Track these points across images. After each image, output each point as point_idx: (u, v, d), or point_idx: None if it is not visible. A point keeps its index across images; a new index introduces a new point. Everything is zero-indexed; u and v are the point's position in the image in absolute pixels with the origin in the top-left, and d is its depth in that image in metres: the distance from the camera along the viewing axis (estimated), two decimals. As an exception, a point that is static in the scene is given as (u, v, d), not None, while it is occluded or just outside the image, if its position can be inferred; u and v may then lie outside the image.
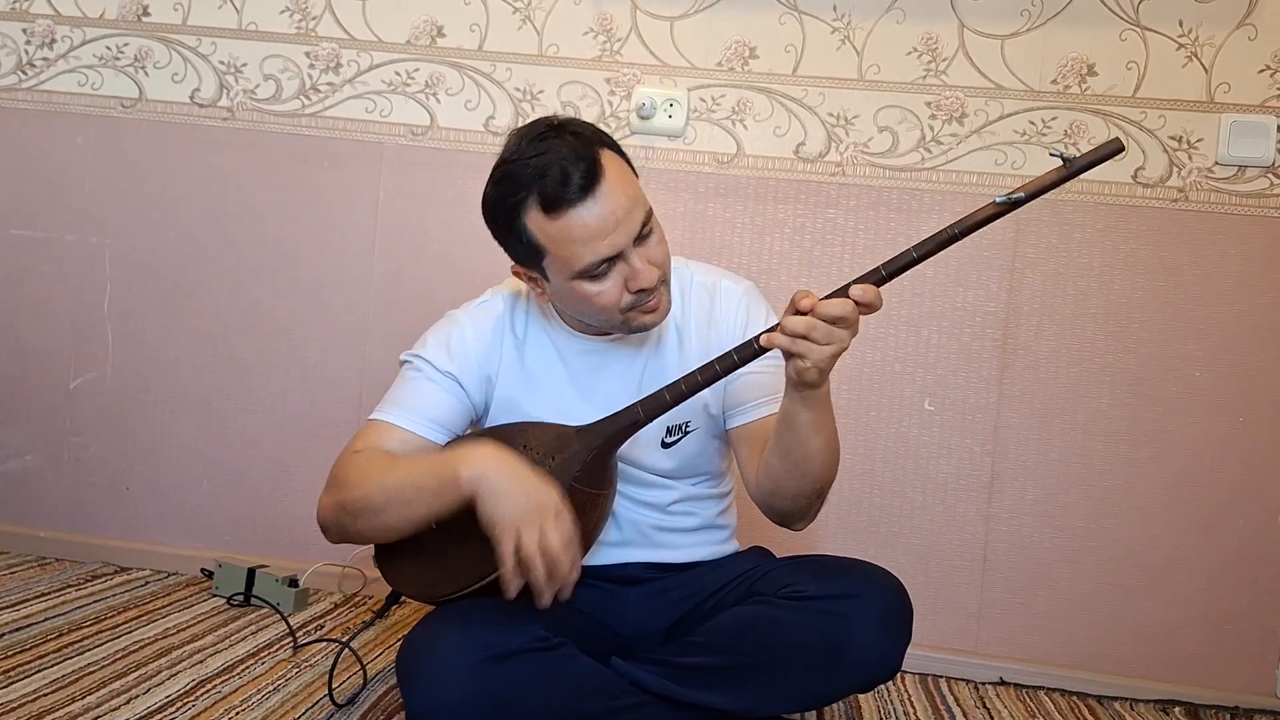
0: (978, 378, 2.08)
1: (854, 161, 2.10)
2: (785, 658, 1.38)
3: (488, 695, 1.28)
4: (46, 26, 2.30)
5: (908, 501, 2.09)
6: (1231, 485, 2.02)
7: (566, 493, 1.36)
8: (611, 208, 1.36)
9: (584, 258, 1.37)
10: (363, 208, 2.22)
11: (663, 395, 1.41)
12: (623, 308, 1.42)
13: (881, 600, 1.39)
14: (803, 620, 1.38)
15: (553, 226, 1.37)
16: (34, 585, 2.06)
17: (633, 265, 1.39)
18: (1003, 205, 1.28)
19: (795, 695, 1.42)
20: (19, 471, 2.32)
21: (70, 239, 2.29)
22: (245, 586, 2.07)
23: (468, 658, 1.28)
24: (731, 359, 1.37)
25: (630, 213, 1.37)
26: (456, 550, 1.41)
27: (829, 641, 1.36)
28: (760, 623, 1.41)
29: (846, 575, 1.43)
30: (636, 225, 1.38)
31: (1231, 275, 2.02)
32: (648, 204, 1.42)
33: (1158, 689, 2.00)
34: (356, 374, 2.22)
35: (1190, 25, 2.02)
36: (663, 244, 1.44)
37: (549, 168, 1.35)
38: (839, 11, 2.10)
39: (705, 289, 1.60)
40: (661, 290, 1.44)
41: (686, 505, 1.60)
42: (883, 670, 1.41)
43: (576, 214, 1.35)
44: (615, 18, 2.15)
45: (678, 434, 1.55)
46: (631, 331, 1.48)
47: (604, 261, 1.38)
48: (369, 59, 2.22)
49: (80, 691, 1.54)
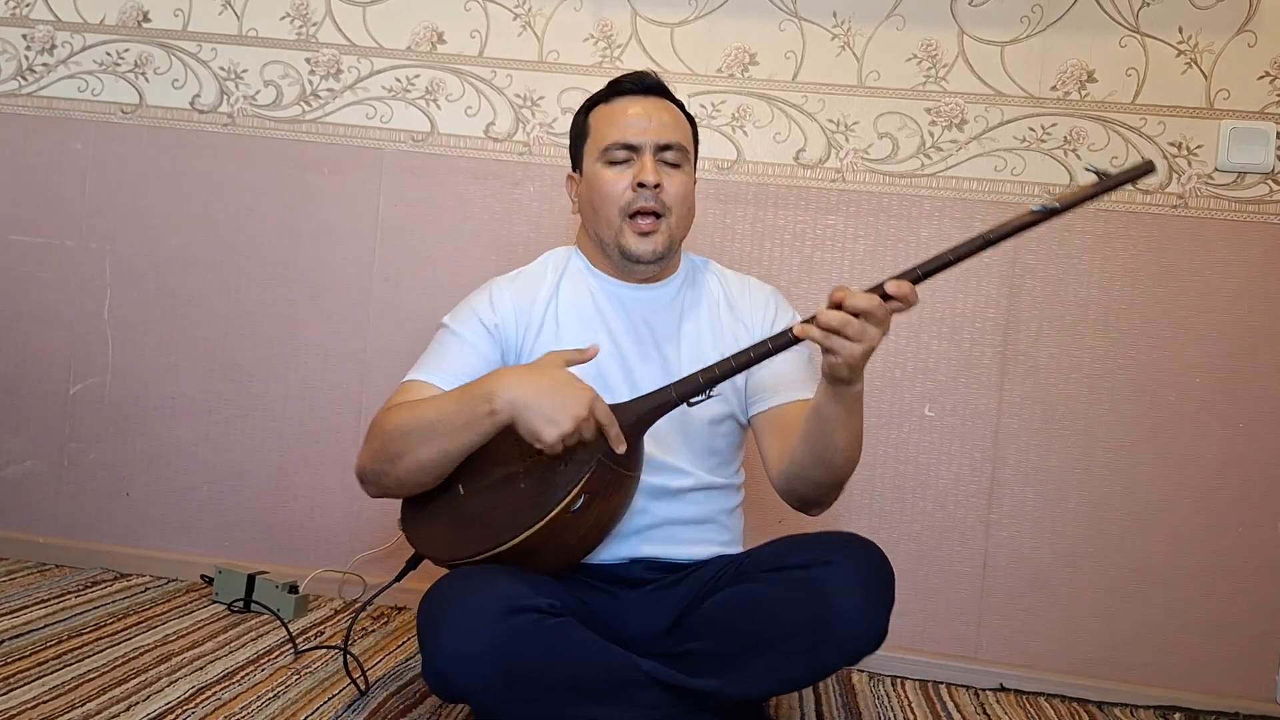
0: (978, 384, 2.08)
1: (854, 168, 2.11)
2: (769, 630, 1.41)
3: (507, 646, 1.31)
4: (47, 32, 2.30)
5: (908, 507, 2.10)
6: (1231, 491, 2.02)
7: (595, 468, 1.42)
8: (651, 111, 1.61)
9: (611, 135, 1.60)
10: (363, 214, 2.23)
11: (696, 378, 1.47)
12: (624, 206, 1.59)
13: (857, 561, 1.42)
14: (783, 590, 1.42)
15: (604, 109, 1.65)
16: (33, 591, 2.05)
17: (644, 163, 1.58)
18: (1038, 213, 1.35)
19: (786, 669, 1.42)
20: (19, 477, 2.31)
21: (70, 245, 2.29)
22: (245, 592, 2.07)
23: (489, 610, 1.33)
24: (765, 346, 1.44)
25: (665, 126, 1.60)
26: (481, 514, 1.48)
27: (809, 605, 1.39)
28: (745, 600, 1.45)
29: (824, 543, 1.47)
30: (664, 138, 1.59)
31: (1231, 281, 2.02)
32: (689, 147, 1.63)
33: (1157, 695, 2.00)
34: (356, 380, 2.22)
35: (1190, 32, 2.02)
36: (684, 188, 1.61)
37: (629, 76, 1.67)
38: (839, 18, 2.10)
39: (738, 279, 1.76)
40: (662, 227, 1.60)
41: (698, 496, 1.62)
42: (865, 632, 1.40)
43: (623, 101, 1.63)
44: (615, 24, 2.16)
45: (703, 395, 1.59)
46: (625, 255, 1.61)
47: (624, 147, 1.59)
48: (369, 65, 2.22)
49: (80, 698, 1.54)
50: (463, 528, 1.49)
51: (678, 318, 1.66)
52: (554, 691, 1.35)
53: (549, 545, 1.44)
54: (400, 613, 2.13)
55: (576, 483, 1.41)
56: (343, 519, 2.22)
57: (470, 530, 1.48)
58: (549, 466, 1.45)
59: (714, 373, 1.45)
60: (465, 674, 1.32)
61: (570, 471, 1.43)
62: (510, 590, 1.35)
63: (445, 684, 1.34)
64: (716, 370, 1.45)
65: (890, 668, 2.05)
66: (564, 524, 1.43)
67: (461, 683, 1.32)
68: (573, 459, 1.44)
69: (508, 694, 1.33)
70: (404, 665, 1.83)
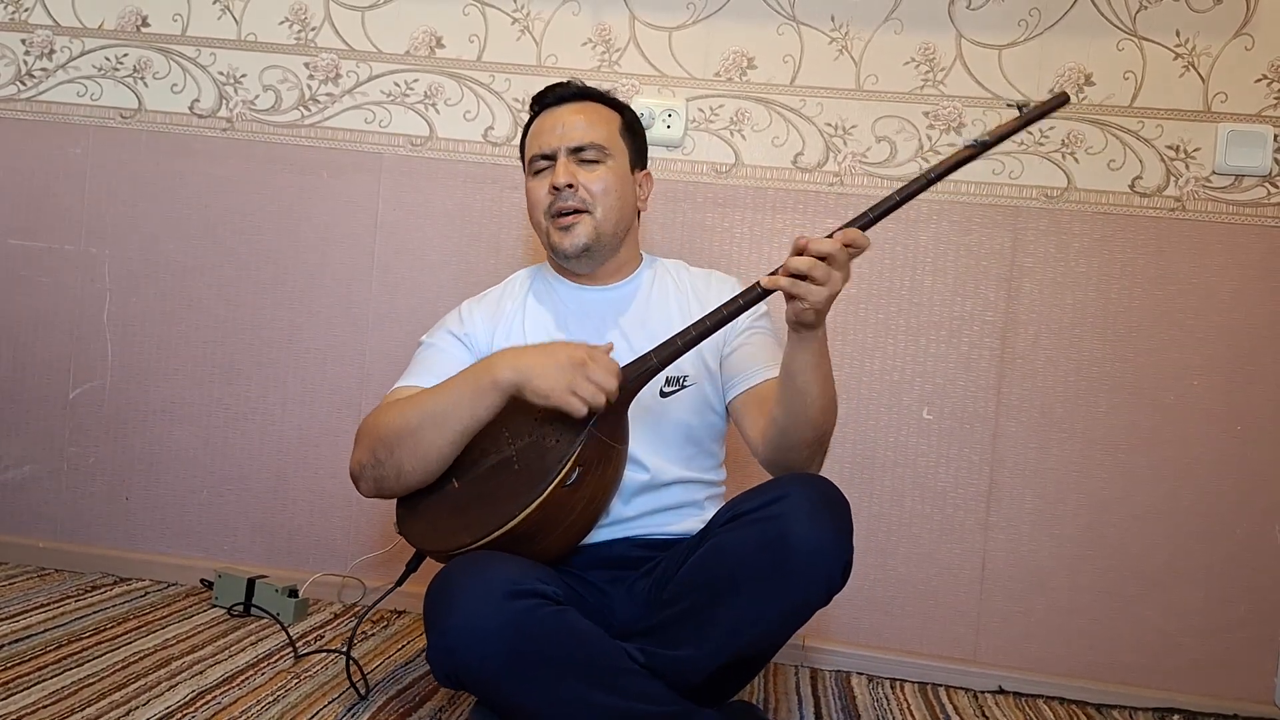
0: (976, 387, 2.08)
1: (852, 171, 2.11)
2: (730, 573, 1.42)
3: (514, 626, 1.34)
4: (46, 37, 2.30)
5: (906, 510, 2.10)
6: (1229, 493, 2.02)
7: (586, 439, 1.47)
8: (564, 119, 1.70)
9: (531, 149, 1.72)
10: (362, 218, 2.23)
11: (674, 341, 1.51)
12: (546, 209, 1.68)
13: (809, 491, 1.43)
14: (740, 534, 1.43)
15: (532, 128, 1.75)
16: (33, 596, 2.05)
17: (556, 167, 1.67)
18: (972, 147, 1.48)
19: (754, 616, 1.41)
20: (18, 482, 2.32)
21: (69, 249, 2.29)
22: (245, 597, 2.06)
23: (496, 590, 1.36)
24: (737, 303, 1.49)
25: (577, 129, 1.68)
26: (477, 500, 1.51)
27: (765, 542, 1.40)
28: (709, 556, 1.46)
29: (774, 485, 1.48)
30: (575, 140, 1.67)
31: (1229, 284, 2.02)
32: (608, 145, 1.69)
33: (1156, 697, 2.01)
34: (356, 384, 2.22)
35: (1187, 35, 2.03)
36: (603, 183, 1.67)
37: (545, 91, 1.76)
38: (837, 22, 2.11)
39: (702, 275, 1.80)
40: (585, 220, 1.67)
41: (677, 489, 1.65)
42: (825, 559, 1.40)
43: (543, 114, 1.74)
44: (614, 28, 2.16)
45: (676, 385, 1.67)
46: (556, 255, 1.71)
47: (542, 157, 1.69)
48: (368, 70, 2.22)
49: (80, 703, 1.54)
50: (460, 517, 1.52)
51: (644, 311, 1.72)
52: (558, 674, 1.37)
53: (547, 525, 1.48)
54: (400, 616, 2.13)
55: (569, 456, 1.46)
56: (342, 523, 2.22)
57: (468, 517, 1.51)
58: (540, 447, 1.50)
59: (690, 334, 1.50)
60: (472, 653, 1.35)
61: (562, 448, 1.48)
62: (515, 574, 1.39)
63: (452, 662, 1.37)
64: (693, 332, 1.50)
65: (889, 670, 2.05)
66: (561, 499, 1.47)
67: (467, 661, 1.36)
68: (563, 436, 1.48)
69: (513, 673, 1.35)
70: (404, 669, 1.83)
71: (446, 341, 1.72)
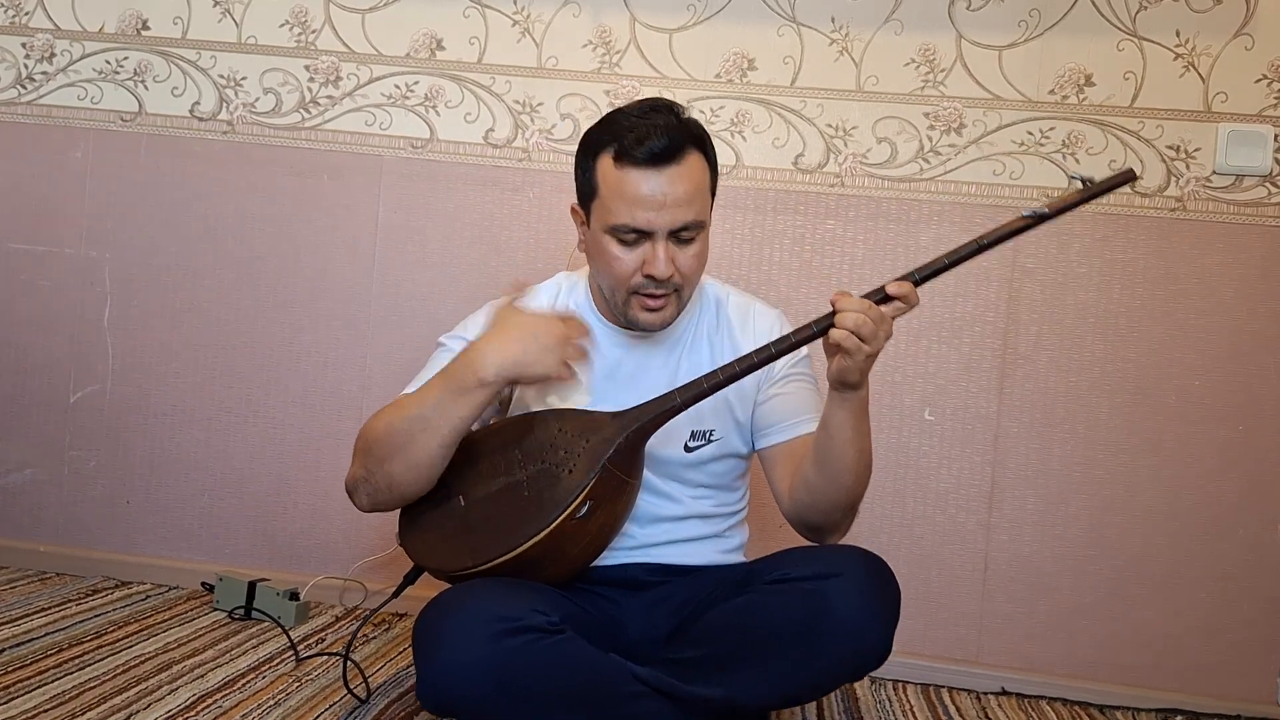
0: (977, 387, 2.08)
1: (853, 172, 2.11)
2: (770, 639, 1.40)
3: (499, 665, 1.32)
4: (46, 40, 2.30)
5: (908, 511, 2.10)
6: (1231, 494, 2.02)
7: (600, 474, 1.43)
8: (665, 190, 1.46)
9: (621, 215, 1.48)
10: (363, 220, 2.23)
11: (700, 383, 1.47)
12: (631, 287, 1.51)
13: (862, 572, 1.40)
14: (785, 599, 1.41)
15: (613, 175, 1.48)
16: (34, 600, 2.05)
17: (655, 250, 1.48)
18: (1029, 218, 1.41)
19: (785, 681, 1.41)
20: (19, 486, 2.31)
21: (70, 253, 2.29)
22: (246, 600, 2.06)
23: (483, 629, 1.32)
24: (769, 351, 1.45)
25: (680, 206, 1.47)
26: (483, 523, 1.47)
27: (810, 615, 1.38)
28: (747, 609, 1.44)
29: (828, 555, 1.46)
30: (679, 221, 1.47)
31: (1229, 284, 2.02)
32: (704, 217, 1.52)
33: (1159, 698, 2.00)
34: (357, 387, 2.22)
35: (1187, 35, 2.03)
36: (697, 260, 1.53)
37: (638, 129, 1.47)
38: (837, 23, 2.11)
39: (739, 308, 1.68)
40: (672, 299, 1.53)
41: (696, 523, 1.62)
42: (870, 650, 1.40)
43: (635, 175, 1.46)
44: (614, 30, 2.16)
45: (701, 439, 1.59)
46: (630, 325, 1.57)
47: (634, 231, 1.48)
48: (369, 72, 2.22)
49: (81, 707, 1.53)
50: (465, 538, 1.48)
51: (676, 362, 1.62)
52: (550, 706, 1.34)
53: (552, 554, 1.44)
54: (402, 619, 2.13)
55: (582, 489, 1.42)
56: (343, 526, 2.22)
57: (472, 539, 1.47)
58: (551, 475, 1.46)
59: (718, 378, 1.45)
60: (460, 692, 1.32)
61: (575, 479, 1.44)
62: (506, 609, 1.35)
63: (440, 698, 1.35)
64: (720, 375, 1.45)
65: (891, 672, 2.05)
66: (569, 531, 1.43)
67: (456, 699, 1.33)
68: (576, 466, 1.44)
69: (503, 711, 1.33)
70: (405, 672, 1.83)
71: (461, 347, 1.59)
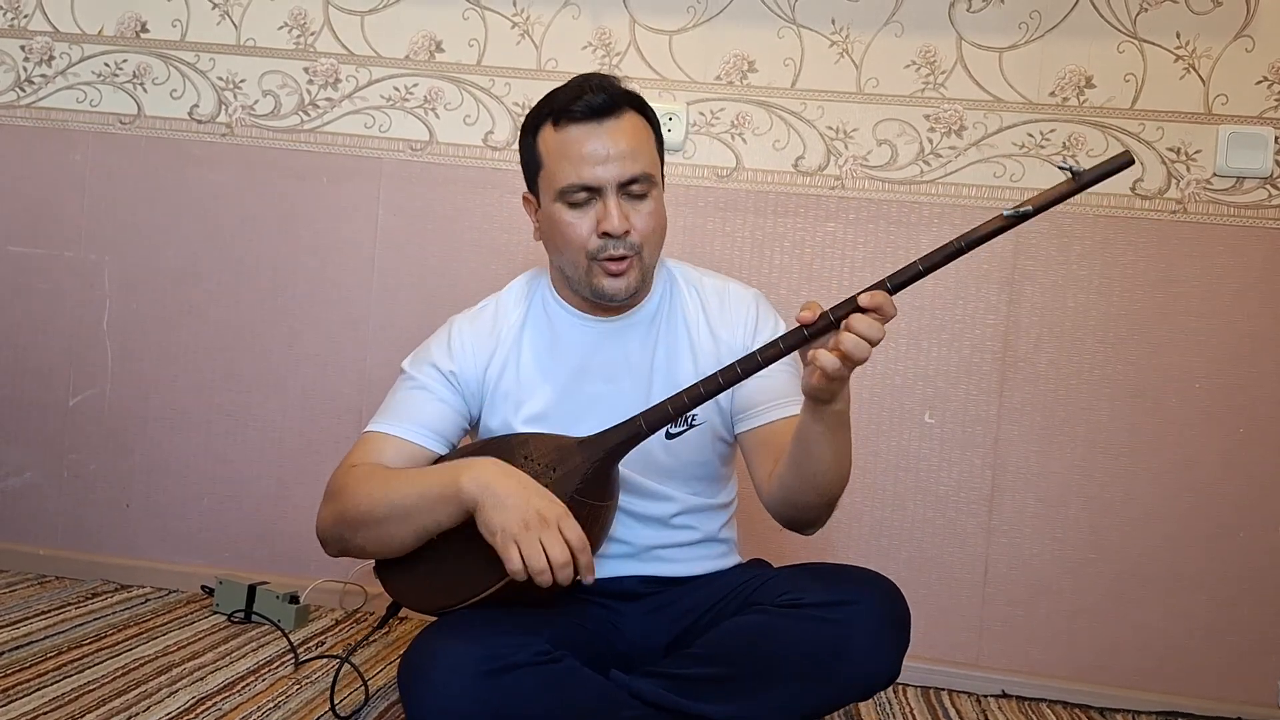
0: (978, 390, 2.08)
1: (853, 174, 2.11)
2: (783, 666, 1.37)
3: (488, 707, 1.29)
4: (45, 43, 2.30)
5: (908, 515, 2.09)
6: (1232, 496, 2.02)
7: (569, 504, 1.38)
8: (608, 142, 1.45)
9: (568, 175, 1.46)
10: (362, 223, 2.23)
11: (665, 407, 1.42)
12: (590, 252, 1.48)
13: (879, 606, 1.39)
14: (799, 628, 1.38)
15: (554, 139, 1.47)
16: (33, 603, 2.05)
17: (608, 206, 1.45)
18: (1010, 218, 1.29)
19: (793, 704, 1.39)
20: (18, 489, 2.31)
21: (69, 256, 2.29)
22: (246, 603, 2.06)
23: (469, 670, 1.29)
24: (735, 371, 1.38)
25: (625, 159, 1.45)
26: (456, 562, 1.43)
27: (826, 649, 1.36)
28: (757, 631, 1.41)
29: (843, 581, 1.43)
30: (627, 173, 1.45)
31: (1230, 286, 2.02)
32: (654, 171, 1.50)
33: (1159, 701, 2.00)
34: (356, 390, 2.22)
35: (1188, 37, 2.03)
36: (654, 219, 1.50)
37: (572, 89, 1.47)
38: (837, 25, 2.10)
39: (716, 291, 1.64)
40: (635, 262, 1.50)
41: (687, 518, 1.59)
42: (881, 678, 1.40)
43: (575, 131, 1.46)
44: (614, 32, 2.16)
45: (683, 425, 1.56)
46: (596, 295, 1.52)
47: (584, 189, 1.46)
48: (368, 74, 2.22)
49: (80, 710, 1.53)
50: (439, 576, 1.45)
51: (652, 347, 1.59)
52: None
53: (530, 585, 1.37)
54: (403, 622, 2.13)
55: None
56: (343, 528, 2.21)
57: (447, 578, 1.44)
58: None
59: (683, 401, 1.40)
60: None
61: None
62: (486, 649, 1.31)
63: None
64: (685, 398, 1.40)
65: (892, 675, 2.05)
66: None
67: None
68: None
69: None
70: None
71: (431, 379, 1.57)
